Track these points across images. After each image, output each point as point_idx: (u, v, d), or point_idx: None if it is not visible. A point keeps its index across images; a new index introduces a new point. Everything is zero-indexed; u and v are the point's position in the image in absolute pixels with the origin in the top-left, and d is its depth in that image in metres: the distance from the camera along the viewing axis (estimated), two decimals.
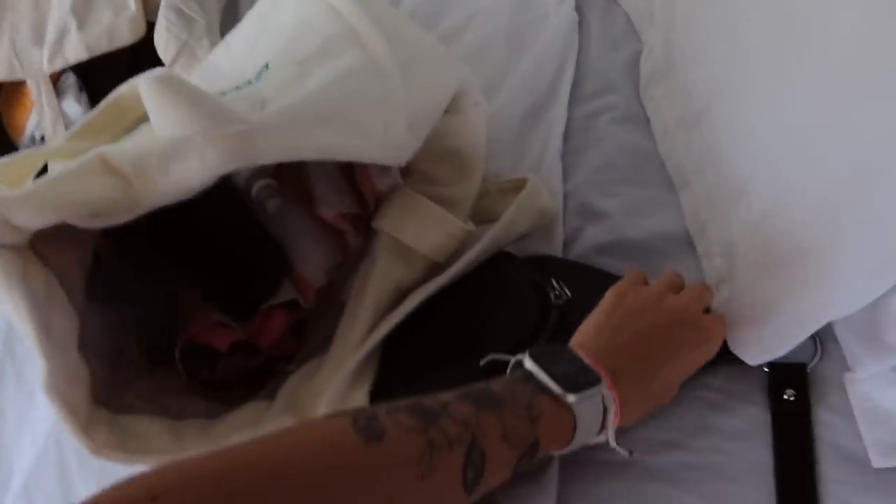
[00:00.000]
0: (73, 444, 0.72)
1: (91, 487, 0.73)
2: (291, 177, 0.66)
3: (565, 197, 0.65)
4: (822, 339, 0.53)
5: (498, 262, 0.61)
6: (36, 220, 0.43)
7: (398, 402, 0.33)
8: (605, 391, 0.40)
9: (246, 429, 0.55)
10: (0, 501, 0.74)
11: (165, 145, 0.44)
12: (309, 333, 0.66)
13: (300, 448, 0.29)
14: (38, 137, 0.80)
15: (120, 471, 0.71)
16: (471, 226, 0.61)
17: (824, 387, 0.52)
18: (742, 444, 0.52)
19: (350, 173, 0.64)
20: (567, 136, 0.67)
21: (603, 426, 0.41)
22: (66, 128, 0.79)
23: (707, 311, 0.50)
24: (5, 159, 0.54)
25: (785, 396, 0.52)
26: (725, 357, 0.54)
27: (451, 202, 0.60)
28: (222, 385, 0.61)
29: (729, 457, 0.52)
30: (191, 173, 0.44)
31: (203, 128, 0.41)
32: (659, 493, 0.53)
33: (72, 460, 0.73)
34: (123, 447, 0.51)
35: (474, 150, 0.60)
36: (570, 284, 0.57)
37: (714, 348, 0.48)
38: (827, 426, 0.51)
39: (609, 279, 0.58)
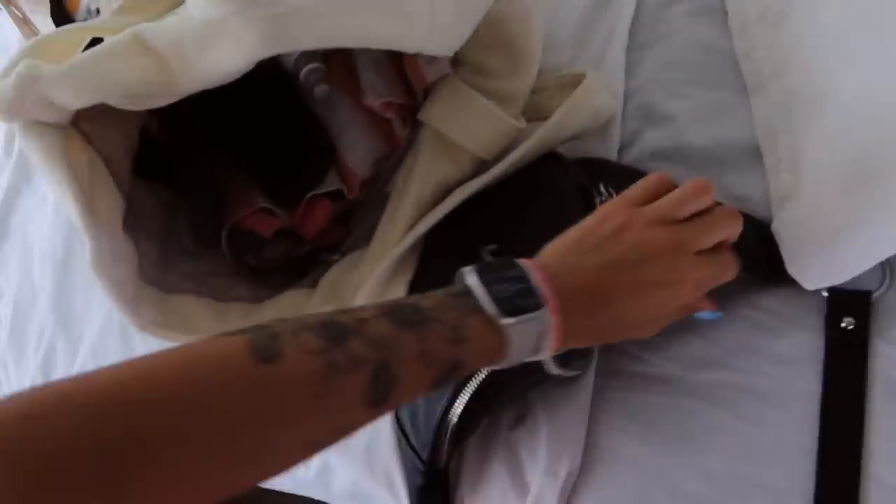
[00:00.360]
0: None
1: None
2: (340, 63, 0.64)
3: (626, 96, 0.60)
4: (893, 267, 0.49)
5: (545, 163, 0.58)
6: (76, 99, 0.42)
7: (314, 316, 0.33)
8: (545, 315, 0.37)
9: (287, 315, 0.56)
10: (72, 360, 0.80)
11: (200, 27, 0.42)
12: (354, 224, 0.66)
13: (188, 366, 0.28)
14: (93, 10, 0.79)
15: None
16: (522, 123, 0.58)
17: (888, 318, 0.49)
18: (789, 370, 0.50)
19: (398, 62, 0.61)
20: (634, 28, 0.61)
21: (539, 348, 0.39)
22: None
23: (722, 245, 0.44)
24: (49, 34, 0.53)
25: (843, 324, 0.49)
26: (781, 278, 0.51)
27: (503, 96, 0.57)
28: (267, 270, 0.62)
29: (773, 381, 0.50)
30: (226, 57, 0.42)
31: (236, 8, 0.39)
32: (695, 409, 0.52)
33: (133, 332, 0.77)
34: (169, 325, 0.53)
35: (530, 39, 0.55)
36: (620, 190, 0.54)
37: (682, 295, 0.41)
38: (885, 359, 0.48)
39: None
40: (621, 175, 0.57)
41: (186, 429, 0.27)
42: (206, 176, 0.62)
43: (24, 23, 0.80)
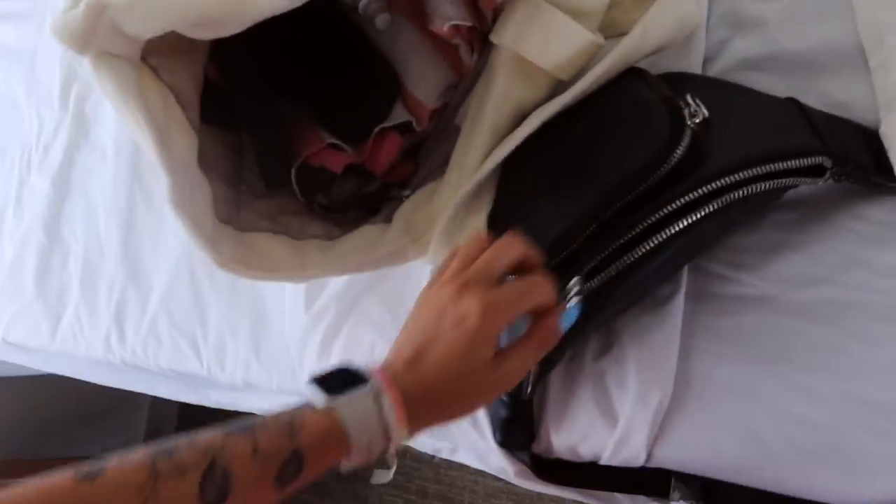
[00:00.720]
0: (204, 262, 0.77)
1: (221, 302, 0.78)
2: None
3: (710, 2, 0.56)
4: None
5: (626, 79, 0.54)
6: (147, 26, 0.41)
7: (144, 447, 0.35)
8: (377, 389, 0.39)
9: (363, 249, 0.55)
10: (143, 312, 0.81)
11: None
12: (424, 158, 0.64)
13: (19, 498, 0.32)
14: None
15: (246, 289, 0.76)
16: (600, 38, 0.54)
17: None
18: None
19: None
20: None
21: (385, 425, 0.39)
22: None
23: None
24: None
25: None
26: (888, 185, 0.48)
27: (579, 12, 0.53)
28: (339, 208, 0.61)
29: (882, 295, 0.47)
30: None
31: None
32: (794, 328, 0.49)
33: (203, 277, 0.78)
34: (248, 262, 0.52)
35: None
36: (710, 103, 0.50)
37: (472, 323, 0.40)
38: None
39: (756, 98, 0.51)
40: (708, 86, 0.54)
41: None
42: (271, 116, 0.61)
43: None
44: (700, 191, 0.45)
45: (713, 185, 0.44)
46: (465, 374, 0.40)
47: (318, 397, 0.38)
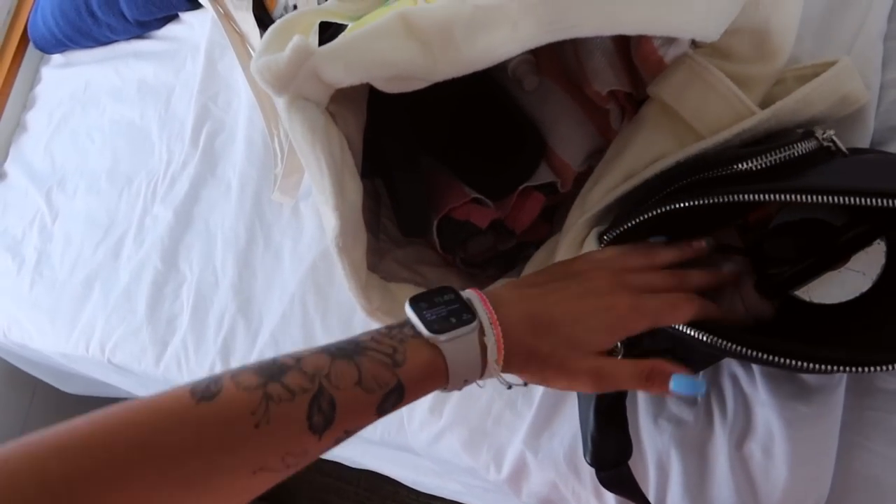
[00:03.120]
0: (317, 304, 0.77)
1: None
2: (549, 53, 0.62)
3: (882, 88, 0.55)
4: None
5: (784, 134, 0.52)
6: (345, 76, 0.42)
7: (260, 360, 0.36)
8: (487, 328, 0.39)
9: None
10: (250, 347, 0.82)
11: (474, 12, 0.40)
12: (560, 219, 0.63)
13: (135, 413, 0.32)
14: (291, 5, 0.81)
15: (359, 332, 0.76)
16: (758, 109, 0.53)
17: None
18: None
19: (626, 47, 0.58)
20: (894, 14, 0.56)
21: (484, 363, 0.40)
22: None
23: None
24: (289, 17, 0.54)
25: None
26: None
27: (744, 82, 0.52)
28: (479, 263, 0.61)
29: None
30: (498, 45, 0.41)
31: None
32: None
33: (315, 318, 0.78)
34: (392, 312, 0.52)
35: (786, 24, 0.51)
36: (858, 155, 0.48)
37: (618, 313, 0.42)
38: None
39: None
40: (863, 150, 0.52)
41: (136, 463, 0.31)
42: (416, 168, 0.62)
43: (225, 18, 0.83)
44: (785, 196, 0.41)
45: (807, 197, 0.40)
46: (572, 345, 0.41)
47: (423, 329, 0.39)
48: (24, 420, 1.26)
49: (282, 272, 0.82)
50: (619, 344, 0.45)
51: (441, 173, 0.62)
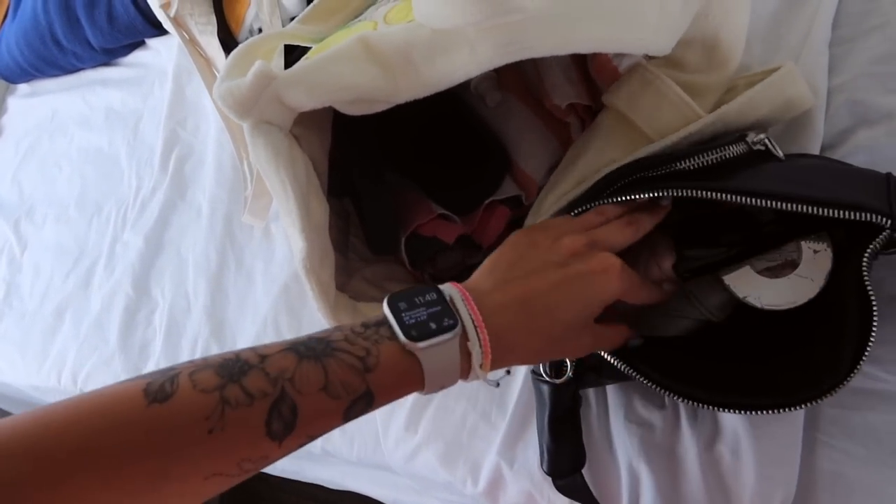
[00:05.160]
0: (290, 325, 0.77)
1: None
2: (510, 68, 0.63)
3: (830, 93, 0.57)
4: None
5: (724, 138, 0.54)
6: (307, 100, 0.43)
7: (222, 354, 0.34)
8: (472, 333, 0.37)
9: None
10: None
11: (432, 36, 0.41)
12: None
13: (80, 411, 0.31)
14: (256, 28, 0.82)
15: None
16: (707, 115, 0.55)
17: None
18: None
19: (582, 61, 0.59)
20: (837, 22, 0.58)
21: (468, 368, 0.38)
22: (283, 19, 0.80)
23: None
24: (251, 41, 0.54)
25: None
26: None
27: (695, 90, 0.54)
28: (448, 279, 0.61)
29: None
30: (457, 67, 0.42)
31: (482, 18, 0.38)
32: None
33: (288, 338, 0.78)
34: None
35: (736, 35, 0.52)
36: (800, 161, 0.49)
37: (605, 284, 0.41)
38: None
39: (850, 167, 0.49)
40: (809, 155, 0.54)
41: (80, 468, 0.29)
42: (382, 186, 0.62)
43: (191, 43, 0.83)
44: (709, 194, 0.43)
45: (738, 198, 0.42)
46: (569, 324, 0.40)
47: (401, 335, 0.36)
48: None
49: (254, 294, 0.82)
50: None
51: (408, 190, 0.63)
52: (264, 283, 0.82)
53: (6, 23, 1.18)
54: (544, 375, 0.52)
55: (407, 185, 0.64)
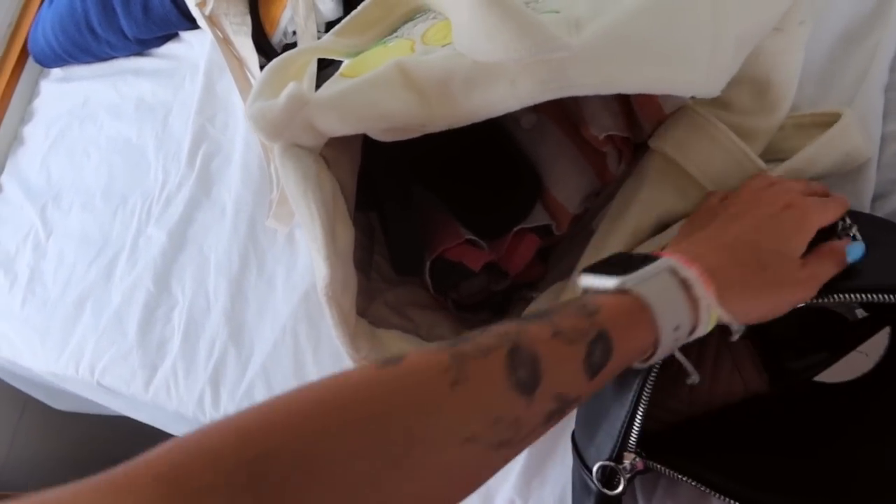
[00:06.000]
0: (308, 334, 0.76)
1: (323, 374, 0.77)
2: None
3: (883, 140, 0.54)
4: None
5: None
6: (339, 126, 0.41)
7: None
8: (677, 266, 0.36)
9: None
10: (241, 376, 0.81)
11: (472, 67, 0.40)
12: (556, 260, 0.63)
13: (326, 390, 0.29)
14: (290, 31, 0.81)
15: (350, 363, 0.75)
16: (762, 163, 0.53)
17: None
18: None
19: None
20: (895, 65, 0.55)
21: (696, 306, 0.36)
22: (318, 23, 0.79)
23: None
24: (284, 57, 0.53)
25: None
26: None
27: (746, 134, 0.52)
28: (470, 306, 0.60)
29: None
30: (496, 100, 0.40)
31: (526, 55, 0.37)
32: None
33: (307, 349, 0.77)
34: None
35: (788, 76, 0.50)
36: (868, 236, 0.47)
37: (798, 212, 0.42)
38: None
39: None
40: (871, 223, 0.51)
41: (324, 439, 0.27)
42: (409, 203, 0.61)
43: (224, 43, 0.82)
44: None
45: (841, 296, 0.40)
46: (774, 261, 0.39)
47: (603, 281, 0.35)
48: (13, 436, 1.25)
49: (274, 300, 0.81)
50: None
51: (435, 210, 0.62)
52: (285, 290, 0.81)
53: (43, 7, 1.18)
54: (596, 484, 0.49)
55: (434, 203, 0.63)
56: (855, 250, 0.42)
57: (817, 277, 0.40)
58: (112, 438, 1.31)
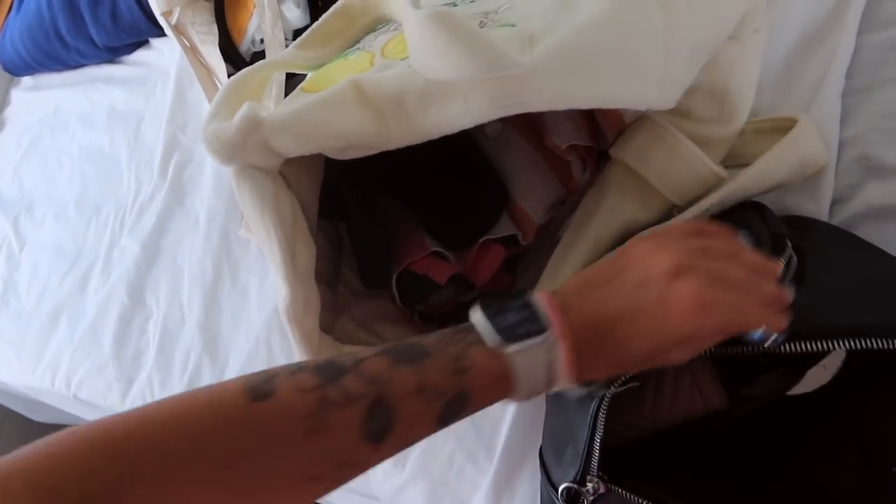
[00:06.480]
0: (282, 345, 0.76)
1: None
2: None
3: (841, 145, 0.55)
4: None
5: (744, 212, 0.53)
6: (294, 147, 0.41)
7: (316, 359, 0.35)
8: (551, 339, 0.36)
9: None
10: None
11: (426, 85, 0.40)
12: (524, 271, 0.63)
13: (186, 409, 0.31)
14: (257, 40, 0.80)
15: None
16: (722, 171, 0.53)
17: None
18: None
19: None
20: (852, 71, 0.56)
21: (552, 378, 0.37)
22: (285, 31, 0.78)
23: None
24: (243, 74, 0.53)
25: None
26: None
27: (706, 142, 0.52)
28: (437, 318, 0.60)
29: None
30: (451, 118, 0.40)
31: (477, 74, 0.37)
32: None
33: (280, 359, 0.77)
34: None
35: (745, 85, 0.51)
36: (824, 253, 0.47)
37: (679, 314, 0.36)
38: None
39: (876, 259, 0.48)
40: (830, 236, 0.51)
41: (186, 464, 0.30)
42: (374, 213, 0.61)
43: (192, 52, 0.82)
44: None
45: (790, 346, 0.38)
46: (650, 352, 0.37)
47: (491, 337, 0.36)
48: None
49: (248, 311, 0.81)
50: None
51: (401, 219, 0.62)
52: (258, 300, 0.81)
53: (10, 15, 1.17)
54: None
55: (400, 212, 0.63)
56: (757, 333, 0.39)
57: (694, 350, 0.38)
58: None
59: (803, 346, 0.37)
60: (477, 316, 0.38)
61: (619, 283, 0.39)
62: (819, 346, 0.37)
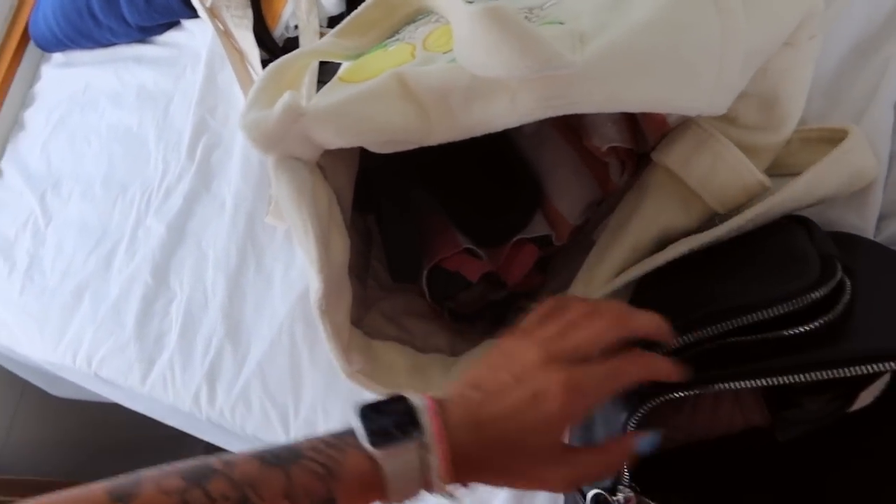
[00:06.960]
0: (305, 334, 0.76)
1: (318, 379, 0.77)
2: None
3: (891, 158, 0.53)
4: None
5: (789, 226, 0.51)
6: (336, 139, 0.40)
7: (189, 461, 0.35)
8: (427, 443, 0.36)
9: None
10: (237, 374, 0.81)
11: (472, 81, 0.39)
12: (554, 271, 0.62)
13: None
14: (291, 26, 0.80)
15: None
16: (767, 180, 0.52)
17: None
18: None
19: None
20: None
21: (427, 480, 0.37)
22: (320, 18, 0.77)
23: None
24: (282, 61, 0.52)
25: None
26: None
27: (751, 150, 0.51)
28: (467, 316, 0.59)
29: None
30: (495, 116, 0.39)
31: (529, 73, 0.36)
32: None
33: (303, 350, 0.77)
34: (373, 375, 0.51)
35: (796, 92, 0.49)
36: (875, 273, 0.46)
37: (550, 406, 0.36)
38: None
39: None
40: (876, 255, 0.50)
41: None
42: (407, 206, 0.60)
43: (225, 35, 0.81)
44: (829, 373, 0.38)
45: (844, 370, 0.37)
46: (527, 455, 0.38)
47: (364, 440, 0.36)
48: (12, 419, 1.25)
49: (272, 298, 0.81)
50: None
51: (434, 215, 0.61)
52: (282, 287, 0.80)
53: None
54: None
55: (433, 207, 0.62)
56: (647, 441, 0.39)
57: (574, 480, 0.38)
58: (110, 423, 1.31)
59: (853, 370, 0.36)
60: (355, 420, 0.38)
61: (497, 383, 0.39)
62: (870, 368, 0.35)
